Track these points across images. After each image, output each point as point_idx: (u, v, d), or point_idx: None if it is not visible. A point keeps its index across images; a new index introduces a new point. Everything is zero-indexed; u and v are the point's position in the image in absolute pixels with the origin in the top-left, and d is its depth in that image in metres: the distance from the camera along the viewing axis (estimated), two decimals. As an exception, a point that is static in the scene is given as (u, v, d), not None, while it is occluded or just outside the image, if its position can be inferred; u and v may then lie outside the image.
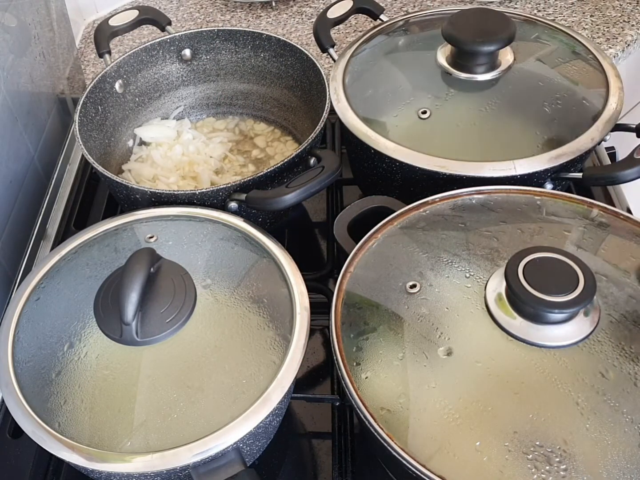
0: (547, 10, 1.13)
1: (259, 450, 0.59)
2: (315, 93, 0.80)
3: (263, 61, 0.88)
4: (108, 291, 0.54)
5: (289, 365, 0.53)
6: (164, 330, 0.53)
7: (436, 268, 0.56)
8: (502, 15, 0.72)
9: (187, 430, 0.50)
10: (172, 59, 0.88)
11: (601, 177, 0.66)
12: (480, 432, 0.47)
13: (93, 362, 0.53)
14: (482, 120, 0.69)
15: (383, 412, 0.49)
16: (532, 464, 0.45)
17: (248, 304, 0.57)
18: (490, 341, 0.50)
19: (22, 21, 0.82)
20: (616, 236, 0.58)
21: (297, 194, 0.63)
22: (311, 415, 0.66)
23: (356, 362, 0.52)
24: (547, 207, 0.61)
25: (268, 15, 1.18)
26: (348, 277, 0.57)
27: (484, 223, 0.60)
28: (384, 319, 0.54)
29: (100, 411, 0.51)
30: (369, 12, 0.85)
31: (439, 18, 0.80)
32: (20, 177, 0.80)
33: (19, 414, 0.52)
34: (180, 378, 0.52)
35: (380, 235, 0.60)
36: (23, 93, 0.81)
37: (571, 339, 0.49)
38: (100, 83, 0.81)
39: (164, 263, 0.56)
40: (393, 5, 1.17)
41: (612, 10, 1.12)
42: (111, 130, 0.84)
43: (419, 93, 0.72)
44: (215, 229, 0.63)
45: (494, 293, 0.52)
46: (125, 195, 0.71)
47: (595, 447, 0.45)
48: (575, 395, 0.47)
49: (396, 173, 0.70)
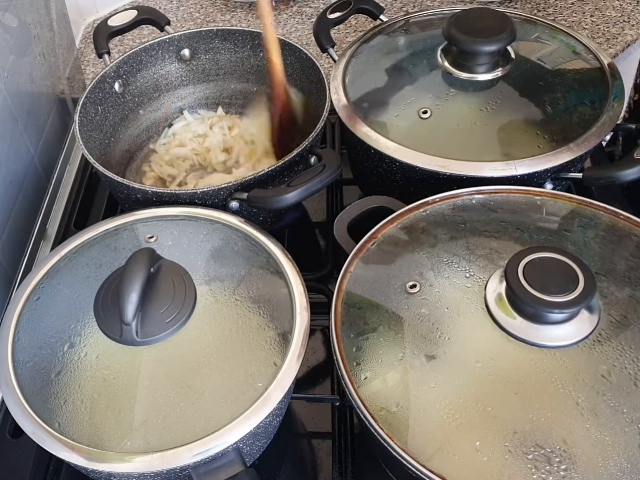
0: (547, 10, 1.13)
1: (259, 450, 0.59)
2: (315, 93, 0.80)
3: (262, 61, 0.87)
4: (108, 291, 0.54)
5: (289, 365, 0.53)
6: (164, 330, 0.53)
7: (436, 268, 0.56)
8: (502, 15, 0.72)
9: (187, 430, 0.50)
10: (171, 59, 0.88)
11: (601, 177, 0.66)
12: (480, 432, 0.47)
13: (93, 362, 0.53)
14: (482, 120, 0.69)
15: (383, 412, 0.49)
16: (532, 464, 0.45)
17: (248, 304, 0.57)
18: (490, 341, 0.50)
19: (23, 21, 0.82)
20: (616, 236, 0.58)
21: (298, 193, 0.63)
22: (311, 415, 0.66)
23: (356, 362, 0.52)
24: (547, 207, 0.61)
25: (268, 15, 1.18)
26: (348, 277, 0.57)
27: (484, 223, 0.60)
28: (384, 319, 0.54)
29: (100, 411, 0.51)
30: (369, 12, 0.85)
31: (439, 18, 0.80)
32: (20, 177, 0.80)
33: (19, 414, 0.52)
34: (180, 378, 0.52)
35: (380, 235, 0.60)
36: (23, 93, 0.81)
37: (571, 339, 0.49)
38: (100, 83, 0.81)
39: (164, 263, 0.56)
40: (393, 5, 1.17)
41: (612, 10, 1.12)
42: (111, 130, 0.84)
43: (420, 93, 0.72)
44: (215, 229, 0.63)
45: (494, 293, 0.52)
46: (126, 195, 0.71)
47: (595, 447, 0.45)
48: (575, 395, 0.47)
49: (396, 173, 0.70)
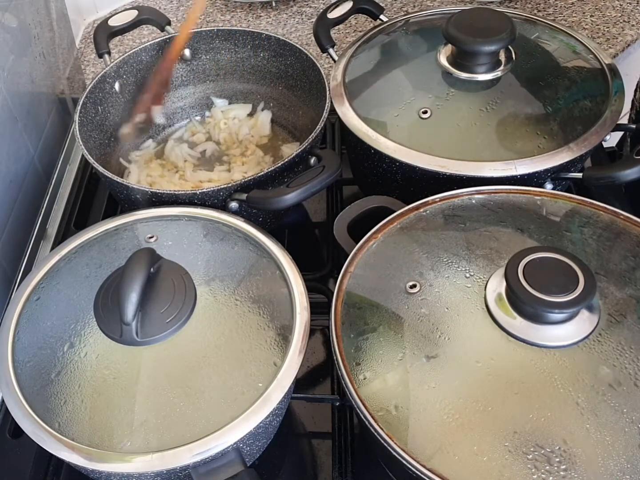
0: (547, 10, 1.13)
1: (259, 450, 0.59)
2: (315, 93, 0.80)
3: (263, 61, 0.88)
4: (108, 291, 0.54)
5: (289, 365, 0.53)
6: (164, 330, 0.53)
7: (436, 268, 0.56)
8: (502, 15, 0.72)
9: (187, 430, 0.50)
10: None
11: (601, 177, 0.66)
12: (480, 432, 0.47)
13: (93, 362, 0.53)
14: (482, 120, 0.69)
15: (383, 412, 0.49)
16: (532, 464, 0.45)
17: (248, 304, 0.57)
18: (490, 341, 0.50)
19: (22, 21, 0.82)
20: (616, 236, 0.58)
21: (298, 194, 0.63)
22: (311, 415, 0.66)
23: (356, 362, 0.52)
24: (547, 207, 0.61)
25: (268, 15, 1.18)
26: (348, 277, 0.57)
27: (484, 223, 0.60)
28: (384, 319, 0.54)
29: (100, 411, 0.51)
30: (369, 12, 0.85)
31: (439, 18, 0.80)
32: (20, 177, 0.80)
33: (19, 414, 0.52)
34: (180, 378, 0.52)
35: (380, 235, 0.60)
36: (23, 93, 0.81)
37: (571, 339, 0.49)
38: (100, 83, 0.81)
39: (164, 263, 0.56)
40: (393, 5, 1.17)
41: (612, 10, 1.12)
42: (111, 130, 0.84)
43: (420, 93, 0.72)
44: (215, 229, 0.63)
45: (494, 293, 0.52)
46: (126, 195, 0.71)
47: (595, 447, 0.45)
48: (575, 395, 0.47)
49: (396, 173, 0.70)
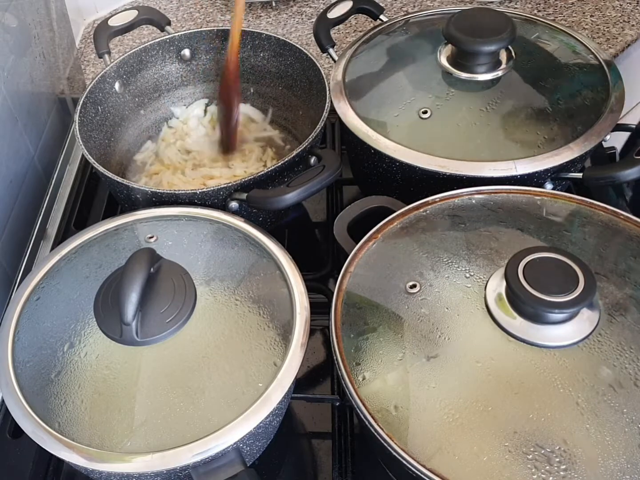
0: (547, 10, 1.13)
1: (259, 450, 0.59)
2: (315, 93, 0.80)
3: (262, 61, 0.88)
4: (108, 291, 0.54)
5: (289, 365, 0.53)
6: (164, 330, 0.53)
7: (436, 268, 0.56)
8: (502, 15, 0.72)
9: (187, 430, 0.50)
10: (171, 59, 0.88)
11: (601, 177, 0.66)
12: (480, 432, 0.47)
13: (93, 362, 0.53)
14: (482, 120, 0.69)
15: (383, 412, 0.49)
16: (532, 464, 0.45)
17: (248, 304, 0.57)
18: (490, 341, 0.50)
19: (22, 21, 0.82)
20: (616, 236, 0.58)
21: (298, 193, 0.63)
22: (311, 415, 0.66)
23: (356, 362, 0.52)
24: (547, 207, 0.61)
25: (268, 15, 1.18)
26: (348, 277, 0.57)
27: (484, 223, 0.60)
28: (384, 319, 0.54)
29: (100, 411, 0.51)
30: (369, 12, 0.85)
31: (439, 18, 0.80)
32: (20, 177, 0.80)
33: (19, 414, 0.52)
34: (180, 378, 0.52)
35: (380, 235, 0.60)
36: (23, 93, 0.81)
37: (571, 339, 0.49)
38: (100, 83, 0.81)
39: (164, 263, 0.56)
40: (393, 5, 1.17)
41: (612, 10, 1.12)
42: (111, 130, 0.84)
43: (420, 93, 0.72)
44: (215, 229, 0.63)
45: (494, 293, 0.52)
46: (126, 195, 0.71)
47: (595, 447, 0.45)
48: (575, 395, 0.47)
49: (396, 173, 0.69)
